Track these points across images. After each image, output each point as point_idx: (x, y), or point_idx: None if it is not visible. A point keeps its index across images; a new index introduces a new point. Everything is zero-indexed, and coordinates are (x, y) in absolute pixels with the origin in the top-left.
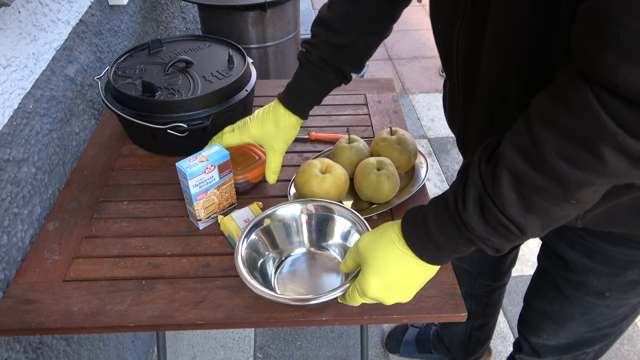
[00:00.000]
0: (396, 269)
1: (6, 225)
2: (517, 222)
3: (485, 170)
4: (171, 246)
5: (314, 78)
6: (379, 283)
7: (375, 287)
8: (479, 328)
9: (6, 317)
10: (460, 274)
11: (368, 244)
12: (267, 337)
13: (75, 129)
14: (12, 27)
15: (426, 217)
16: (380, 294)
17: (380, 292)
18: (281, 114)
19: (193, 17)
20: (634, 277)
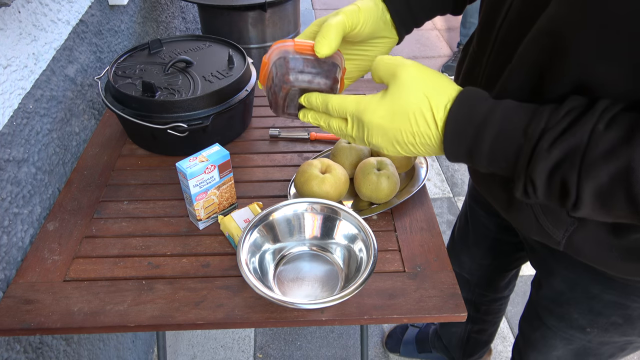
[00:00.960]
0: (411, 124)
1: (6, 225)
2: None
3: (601, 135)
4: (171, 246)
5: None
6: (384, 116)
7: (377, 116)
8: (478, 332)
9: (6, 317)
10: (460, 280)
11: (415, 78)
12: (267, 337)
13: (75, 129)
14: (12, 27)
15: (491, 117)
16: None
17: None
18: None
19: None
20: (616, 319)
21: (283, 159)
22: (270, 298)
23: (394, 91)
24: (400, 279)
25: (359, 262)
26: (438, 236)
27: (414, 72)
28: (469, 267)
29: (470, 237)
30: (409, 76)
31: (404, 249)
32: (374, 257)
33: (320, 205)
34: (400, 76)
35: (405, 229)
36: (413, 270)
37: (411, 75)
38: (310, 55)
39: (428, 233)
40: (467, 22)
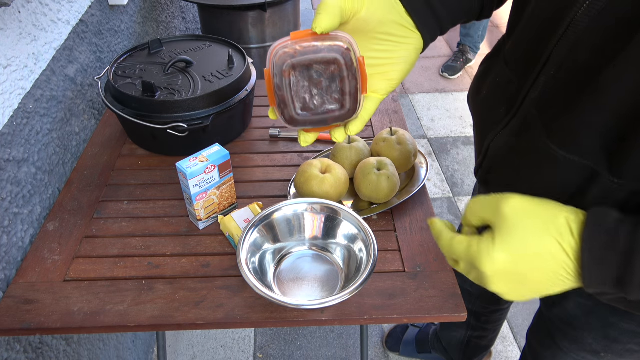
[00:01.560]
0: (541, 264)
1: (6, 225)
2: None
3: None
4: (171, 246)
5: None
6: (506, 264)
7: (496, 266)
8: (479, 337)
9: (6, 317)
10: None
11: (520, 212)
12: (267, 337)
13: (76, 129)
14: (12, 27)
15: (635, 242)
16: (494, 275)
17: (495, 273)
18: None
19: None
20: (632, 347)
21: (283, 159)
22: (270, 298)
23: (506, 233)
24: (400, 279)
25: (359, 262)
26: None
27: (519, 204)
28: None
29: None
30: (516, 211)
31: (404, 249)
32: (374, 257)
33: (320, 205)
34: (507, 214)
35: (405, 229)
36: (413, 270)
37: (518, 210)
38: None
39: (428, 233)
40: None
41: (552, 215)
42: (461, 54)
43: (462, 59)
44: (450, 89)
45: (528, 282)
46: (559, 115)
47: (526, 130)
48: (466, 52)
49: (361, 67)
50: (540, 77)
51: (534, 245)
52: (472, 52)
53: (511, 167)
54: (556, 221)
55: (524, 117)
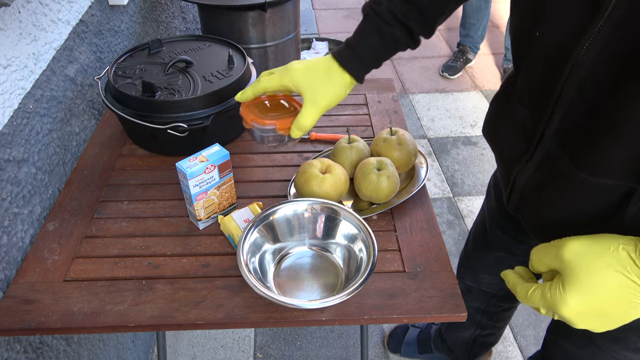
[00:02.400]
0: (614, 297)
1: (6, 225)
2: None
3: None
4: (171, 246)
5: (380, 34)
6: (583, 306)
7: (575, 308)
8: (486, 336)
9: (6, 317)
10: (475, 292)
11: (580, 255)
12: (267, 337)
13: (75, 129)
14: (12, 27)
15: None
16: (576, 317)
17: (577, 314)
18: (334, 70)
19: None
20: None
21: (283, 159)
22: (270, 298)
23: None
24: (400, 279)
25: (359, 262)
26: (438, 236)
27: (578, 247)
28: (488, 282)
29: (490, 257)
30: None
31: (404, 249)
32: (374, 257)
33: (320, 205)
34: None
35: (405, 229)
36: (413, 270)
37: (578, 253)
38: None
39: (428, 233)
40: (467, 23)
41: (611, 251)
42: (461, 54)
43: (462, 59)
44: (450, 89)
45: (609, 315)
46: (583, 147)
47: (551, 162)
48: (466, 52)
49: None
50: (555, 114)
51: (601, 284)
52: (472, 52)
53: (540, 198)
54: (617, 255)
55: (547, 151)
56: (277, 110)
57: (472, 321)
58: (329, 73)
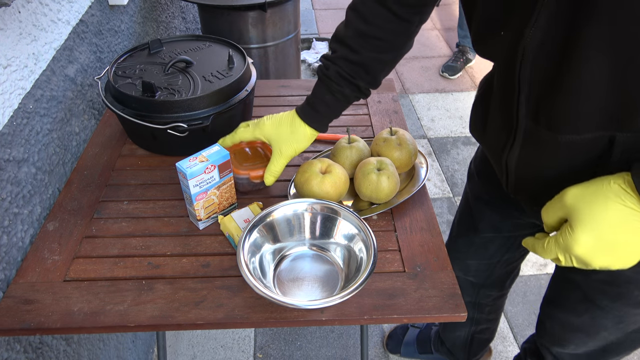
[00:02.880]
0: (618, 227)
1: (6, 225)
2: None
3: None
4: (171, 246)
5: (331, 92)
6: (592, 239)
7: (586, 244)
8: (482, 331)
9: (6, 317)
10: (464, 285)
11: (579, 196)
12: (267, 337)
13: (75, 129)
14: (12, 27)
15: None
16: (589, 253)
17: (590, 250)
18: (297, 123)
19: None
20: None
21: None
22: (270, 298)
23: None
24: (400, 279)
25: (359, 262)
26: (438, 236)
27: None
28: (475, 269)
29: (478, 240)
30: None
31: (404, 249)
32: (374, 257)
33: (320, 205)
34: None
35: (405, 229)
36: (413, 270)
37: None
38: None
39: (428, 233)
40: (464, 24)
41: (604, 186)
42: (461, 54)
43: (462, 59)
44: (450, 89)
45: (620, 246)
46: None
47: (532, 137)
48: (466, 52)
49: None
50: (521, 95)
51: (603, 215)
52: (471, 52)
53: (532, 173)
54: (611, 188)
55: (524, 130)
56: (253, 159)
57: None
58: (293, 126)
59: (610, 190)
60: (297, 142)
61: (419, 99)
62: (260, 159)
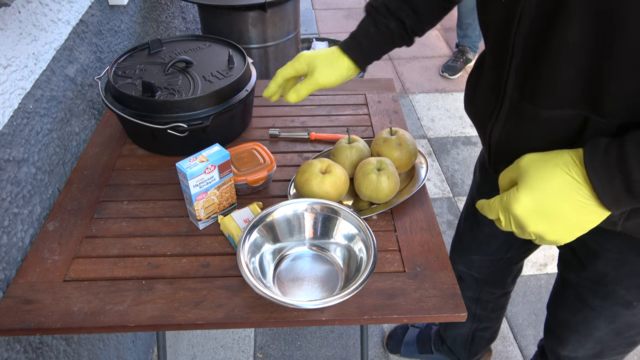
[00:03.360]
0: (558, 194)
1: (6, 225)
2: None
3: None
4: (171, 246)
5: (375, 25)
6: (531, 202)
7: (524, 205)
8: (484, 329)
9: (6, 317)
10: (467, 280)
11: (533, 160)
12: (267, 337)
13: (75, 129)
14: (12, 27)
15: (625, 152)
16: (525, 215)
17: (527, 211)
18: (337, 53)
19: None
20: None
21: (283, 159)
22: (270, 298)
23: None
24: (400, 279)
25: (359, 262)
26: (438, 236)
27: (532, 156)
28: (479, 265)
29: (481, 235)
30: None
31: (404, 249)
32: (374, 257)
33: (320, 205)
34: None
35: (405, 229)
36: (413, 270)
37: (531, 159)
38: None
39: (428, 233)
40: (463, 24)
41: (557, 155)
42: (461, 54)
43: (462, 59)
44: (450, 89)
45: (556, 215)
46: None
47: (515, 110)
48: (466, 52)
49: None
50: (512, 63)
51: (547, 180)
52: (471, 51)
53: (512, 147)
54: (562, 158)
55: (510, 101)
56: (250, 164)
57: (468, 313)
58: (332, 56)
59: (561, 159)
60: (333, 69)
61: (419, 99)
62: (257, 163)
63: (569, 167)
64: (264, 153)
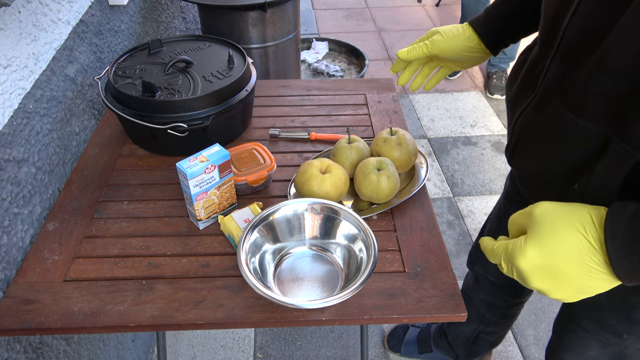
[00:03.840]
0: (569, 256)
1: (6, 225)
2: None
3: None
4: (171, 246)
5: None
6: (537, 258)
7: (530, 260)
8: (489, 333)
9: (6, 317)
10: (483, 282)
11: (548, 211)
12: (267, 337)
13: (76, 129)
14: (12, 27)
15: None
16: (530, 270)
17: (532, 267)
18: (462, 25)
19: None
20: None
21: (283, 159)
22: (270, 298)
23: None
24: (400, 279)
25: (359, 262)
26: (438, 236)
27: (548, 206)
28: (495, 268)
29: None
30: (544, 212)
31: (404, 249)
32: (374, 257)
33: (320, 205)
34: (536, 215)
35: (405, 229)
36: (413, 270)
37: (547, 211)
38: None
39: (428, 233)
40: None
41: (576, 212)
42: None
43: None
44: (450, 89)
45: (563, 276)
46: (573, 85)
47: (546, 103)
48: None
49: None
50: (557, 53)
51: (559, 238)
52: None
53: (533, 140)
54: (580, 216)
55: (544, 91)
56: (250, 164)
57: (476, 314)
58: (457, 26)
59: (579, 218)
60: (453, 34)
61: (419, 99)
62: (257, 163)
63: (586, 228)
64: (264, 153)
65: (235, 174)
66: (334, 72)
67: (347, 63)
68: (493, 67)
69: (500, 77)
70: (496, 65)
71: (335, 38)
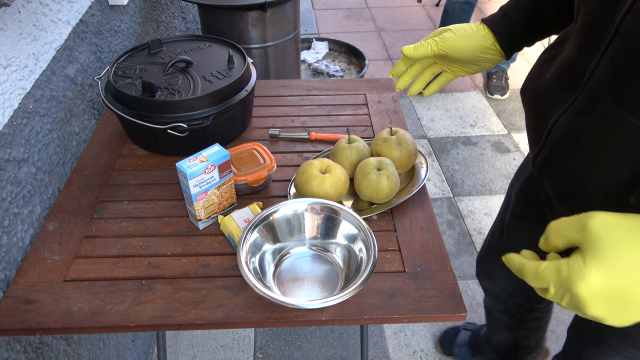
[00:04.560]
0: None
1: (6, 225)
2: None
3: None
4: (171, 246)
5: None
6: (602, 283)
7: (593, 285)
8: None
9: (6, 317)
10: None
11: (608, 226)
12: (267, 337)
13: (75, 129)
14: (12, 27)
15: None
16: (592, 297)
17: (594, 294)
18: (476, 24)
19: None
20: None
21: (283, 159)
22: (270, 298)
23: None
24: (400, 279)
25: (359, 262)
26: (438, 236)
27: (608, 219)
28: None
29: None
30: (605, 227)
31: (404, 249)
32: (374, 257)
33: (320, 205)
34: (595, 230)
35: (405, 229)
36: (413, 270)
37: (608, 225)
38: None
39: (428, 233)
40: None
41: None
42: None
43: None
44: (450, 89)
45: (631, 301)
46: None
47: (594, 105)
48: None
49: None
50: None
51: (629, 259)
52: None
53: (577, 147)
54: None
55: (592, 93)
56: (250, 164)
57: (503, 324)
58: (471, 24)
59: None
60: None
61: (419, 99)
62: (257, 163)
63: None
64: (264, 153)
65: (235, 174)
66: (334, 72)
67: (347, 63)
68: (493, 67)
69: (500, 77)
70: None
71: (335, 38)
